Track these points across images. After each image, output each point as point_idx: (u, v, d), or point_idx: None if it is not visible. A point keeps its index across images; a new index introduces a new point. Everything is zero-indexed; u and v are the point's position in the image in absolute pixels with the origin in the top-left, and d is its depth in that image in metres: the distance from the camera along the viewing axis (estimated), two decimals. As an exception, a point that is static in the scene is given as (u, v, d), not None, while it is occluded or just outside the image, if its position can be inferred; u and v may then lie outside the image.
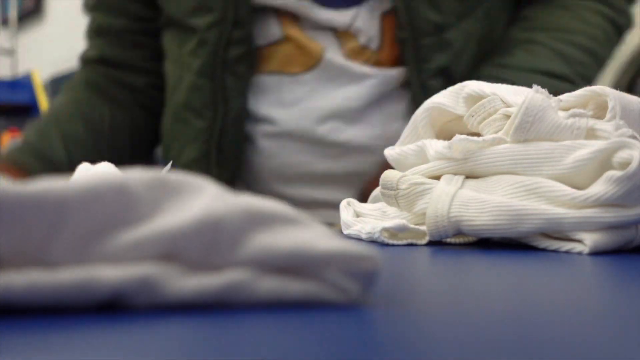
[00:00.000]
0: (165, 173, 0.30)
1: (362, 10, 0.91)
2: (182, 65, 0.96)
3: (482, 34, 0.94)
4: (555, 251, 0.49)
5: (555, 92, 0.88)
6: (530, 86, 0.87)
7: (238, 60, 0.92)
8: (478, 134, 0.55)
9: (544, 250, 0.50)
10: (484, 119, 0.54)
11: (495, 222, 0.50)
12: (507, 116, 0.53)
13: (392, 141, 0.61)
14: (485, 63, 0.93)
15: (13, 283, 0.26)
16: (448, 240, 0.55)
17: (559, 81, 0.91)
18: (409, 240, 0.55)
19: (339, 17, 0.91)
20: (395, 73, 0.92)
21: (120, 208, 0.28)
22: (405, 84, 0.92)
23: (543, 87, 0.88)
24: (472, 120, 0.55)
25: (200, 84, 0.94)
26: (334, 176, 0.94)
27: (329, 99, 0.92)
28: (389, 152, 0.61)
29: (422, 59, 0.90)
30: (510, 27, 0.96)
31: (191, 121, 0.95)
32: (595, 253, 0.48)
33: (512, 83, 0.88)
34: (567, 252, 0.49)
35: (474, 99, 0.56)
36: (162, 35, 1.01)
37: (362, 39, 0.92)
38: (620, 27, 0.98)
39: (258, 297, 0.28)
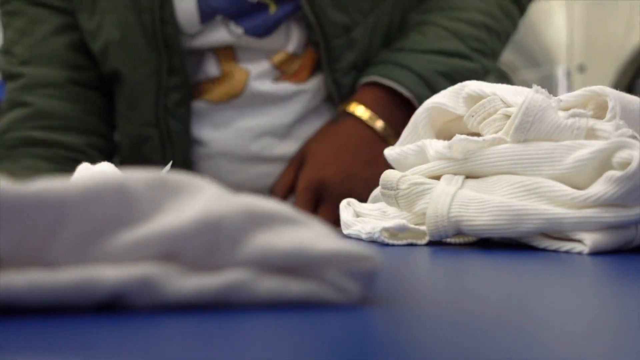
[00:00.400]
0: (165, 173, 0.30)
1: (291, 24, 0.94)
2: (124, 117, 0.98)
3: (390, 25, 0.97)
4: (555, 251, 0.49)
5: (451, 69, 0.91)
6: (424, 67, 0.90)
7: (178, 104, 0.95)
8: (478, 134, 0.55)
9: (544, 250, 0.50)
10: (484, 119, 0.54)
11: (495, 222, 0.50)
12: (507, 116, 0.53)
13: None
14: (383, 49, 0.96)
15: (13, 283, 0.26)
16: (448, 240, 0.55)
17: (453, 58, 0.94)
18: (409, 240, 0.55)
19: (274, 41, 0.94)
20: (313, 86, 0.95)
21: (120, 208, 0.28)
22: (329, 95, 0.96)
23: (437, 65, 0.93)
24: (472, 120, 0.55)
25: (147, 134, 0.96)
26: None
27: (258, 119, 0.96)
28: (389, 152, 0.61)
29: (334, 60, 0.93)
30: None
31: (141, 167, 0.97)
32: (595, 253, 0.48)
33: (407, 65, 0.92)
34: (567, 252, 0.49)
35: (474, 99, 0.56)
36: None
37: (291, 48, 0.95)
38: (519, 0, 1.00)
39: (258, 297, 0.28)
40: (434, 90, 0.88)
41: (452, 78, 0.90)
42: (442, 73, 0.91)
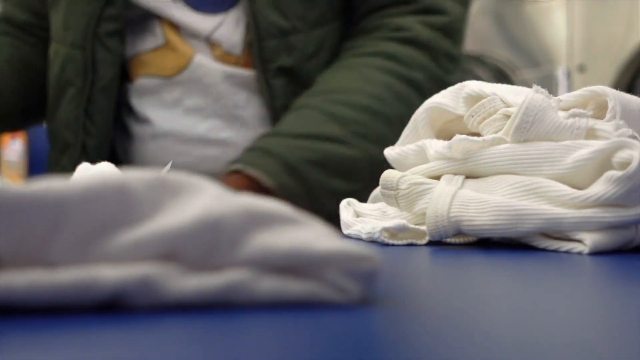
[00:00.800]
0: (165, 173, 0.30)
1: (228, 18, 0.97)
2: (59, 39, 1.04)
3: (340, 43, 0.99)
4: (555, 251, 0.49)
5: (325, 156, 0.89)
6: (293, 154, 0.87)
7: (109, 35, 1.00)
8: (478, 134, 0.55)
9: (544, 250, 0.50)
10: (484, 119, 0.54)
11: (495, 222, 0.50)
12: (507, 116, 0.53)
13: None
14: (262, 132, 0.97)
15: (13, 283, 0.26)
16: (448, 240, 0.55)
17: (329, 143, 0.90)
18: (409, 240, 0.55)
19: (204, 22, 0.98)
20: (253, 74, 0.98)
21: (120, 208, 0.28)
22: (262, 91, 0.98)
23: (308, 152, 0.89)
24: (472, 120, 0.55)
25: (73, 55, 1.02)
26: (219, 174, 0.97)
27: (204, 98, 0.98)
28: (389, 152, 0.61)
29: (266, 60, 0.95)
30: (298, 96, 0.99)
31: (65, 89, 1.04)
32: (595, 253, 0.48)
33: (275, 152, 0.88)
34: (567, 252, 0.49)
35: (474, 99, 0.56)
36: (49, 16, 1.09)
37: (225, 46, 0.98)
38: (417, 83, 0.96)
39: (258, 297, 0.28)
40: (303, 179, 0.87)
41: (326, 166, 0.87)
42: (313, 161, 0.88)
